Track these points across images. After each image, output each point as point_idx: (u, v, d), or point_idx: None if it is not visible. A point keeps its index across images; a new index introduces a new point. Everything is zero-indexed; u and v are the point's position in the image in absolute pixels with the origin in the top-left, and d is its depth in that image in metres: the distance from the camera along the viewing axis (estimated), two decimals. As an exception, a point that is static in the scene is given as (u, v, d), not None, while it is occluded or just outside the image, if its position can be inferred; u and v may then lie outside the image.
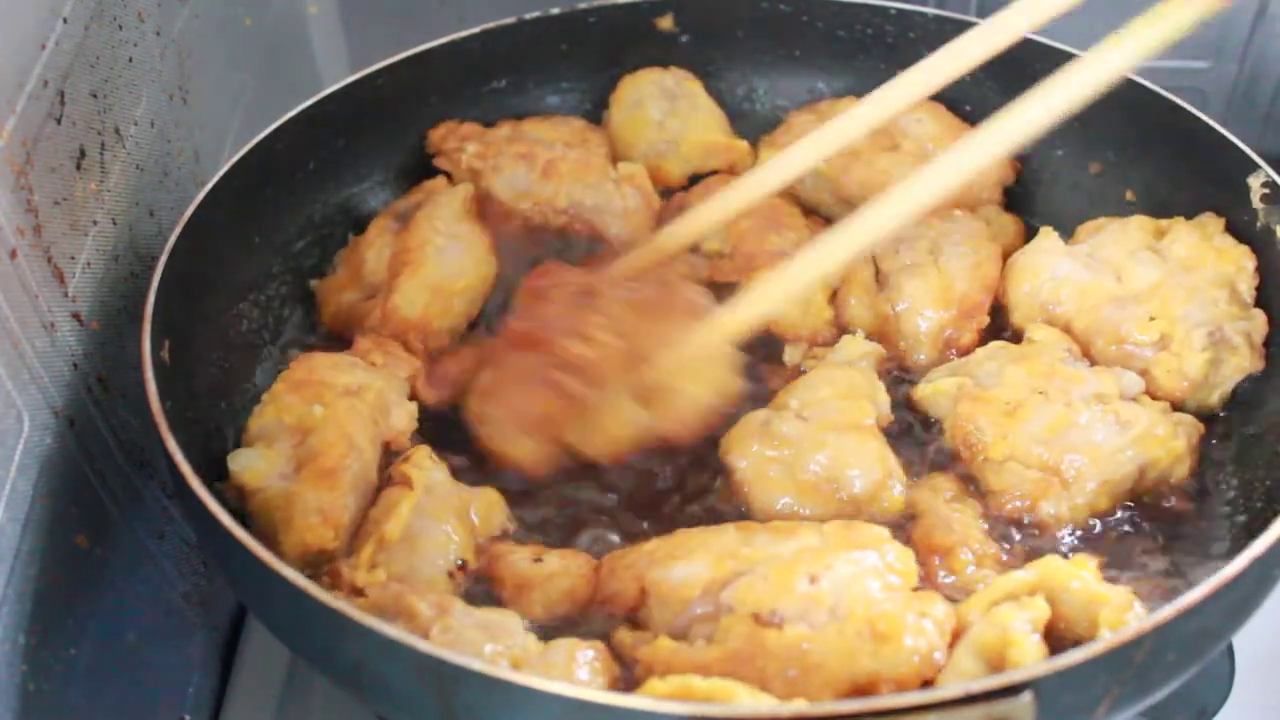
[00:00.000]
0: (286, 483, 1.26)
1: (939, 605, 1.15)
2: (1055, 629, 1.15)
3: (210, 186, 1.42)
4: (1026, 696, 0.97)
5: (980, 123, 1.65)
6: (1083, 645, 1.01)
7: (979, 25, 1.43)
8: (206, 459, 1.28)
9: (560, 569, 1.25)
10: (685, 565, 1.19)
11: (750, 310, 1.35)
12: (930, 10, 1.70)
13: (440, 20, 2.07)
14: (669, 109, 1.71)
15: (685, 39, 1.76)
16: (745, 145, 1.71)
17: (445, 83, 1.69)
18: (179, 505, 1.43)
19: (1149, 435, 1.32)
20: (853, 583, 1.14)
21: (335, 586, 1.18)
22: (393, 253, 1.52)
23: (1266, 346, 1.40)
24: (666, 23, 1.75)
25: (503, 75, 1.73)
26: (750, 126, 1.75)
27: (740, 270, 1.54)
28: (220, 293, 1.46)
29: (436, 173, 1.65)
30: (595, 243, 1.62)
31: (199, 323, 1.39)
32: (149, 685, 1.41)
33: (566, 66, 1.76)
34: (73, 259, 1.31)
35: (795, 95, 1.78)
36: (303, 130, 1.55)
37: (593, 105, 1.77)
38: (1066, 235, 1.55)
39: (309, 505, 1.23)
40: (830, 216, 1.67)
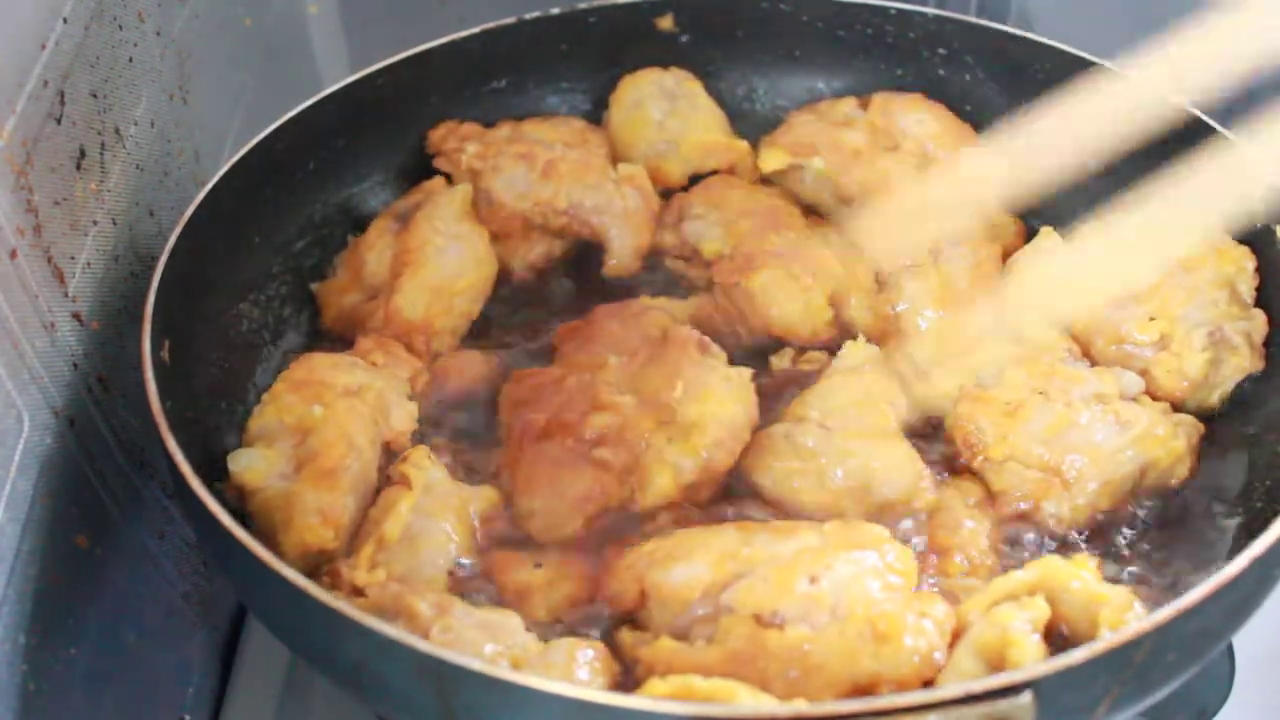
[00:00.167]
0: (286, 483, 1.25)
1: (939, 605, 1.15)
2: (1055, 629, 1.15)
3: (210, 186, 1.42)
4: (1026, 696, 0.97)
5: (979, 124, 1.69)
6: (1083, 645, 1.01)
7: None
8: (206, 459, 1.27)
9: (560, 574, 1.25)
10: (685, 567, 1.19)
11: None
12: (930, 10, 1.69)
13: (440, 20, 2.07)
14: (669, 109, 1.70)
15: (685, 39, 1.76)
16: (745, 145, 1.71)
17: (445, 83, 1.69)
18: (179, 505, 1.43)
19: (1149, 435, 1.32)
20: (853, 583, 1.14)
21: (335, 586, 1.18)
22: (393, 254, 1.52)
23: (1266, 346, 1.40)
24: (666, 23, 1.75)
25: (503, 75, 1.72)
26: (750, 126, 1.74)
27: (740, 270, 1.54)
28: (220, 293, 1.46)
29: (436, 173, 1.65)
30: (595, 243, 1.63)
31: (199, 323, 1.39)
32: (149, 685, 1.41)
33: (566, 66, 1.75)
34: (73, 259, 1.31)
35: (795, 95, 1.78)
36: (303, 130, 1.55)
37: (593, 105, 1.77)
38: (1066, 235, 1.55)
39: (309, 506, 1.23)
40: (830, 216, 1.67)
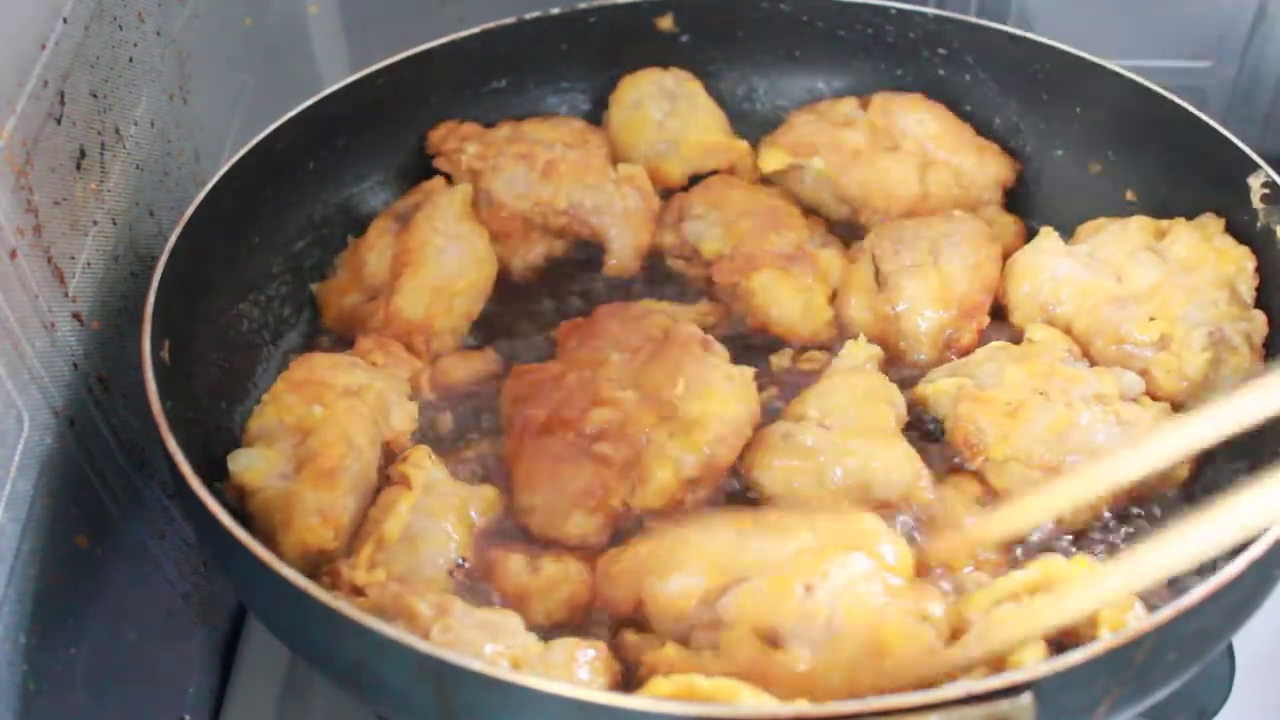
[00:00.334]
0: (286, 483, 1.25)
1: (936, 605, 1.15)
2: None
3: (210, 186, 1.42)
4: (1027, 697, 0.97)
5: (979, 124, 1.69)
6: (1083, 645, 1.01)
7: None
8: (206, 459, 1.27)
9: (559, 576, 1.25)
10: (680, 576, 1.18)
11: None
12: (930, 10, 1.69)
13: (440, 20, 2.07)
14: (669, 109, 1.70)
15: (685, 39, 1.76)
16: (745, 145, 1.71)
17: (445, 83, 1.69)
18: (179, 505, 1.43)
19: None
20: (848, 590, 1.13)
21: (335, 586, 1.18)
22: (393, 254, 1.52)
23: (1266, 347, 1.40)
24: (666, 23, 1.75)
25: (503, 75, 1.72)
26: (750, 126, 1.75)
27: (740, 270, 1.54)
28: (220, 293, 1.46)
29: (436, 173, 1.65)
30: (595, 243, 1.63)
31: (199, 323, 1.39)
32: (149, 685, 1.41)
33: (566, 66, 1.75)
34: (73, 259, 1.30)
35: (795, 95, 1.78)
36: (303, 130, 1.55)
37: (593, 105, 1.77)
38: (1066, 235, 1.55)
39: (309, 506, 1.23)
40: (830, 216, 1.67)
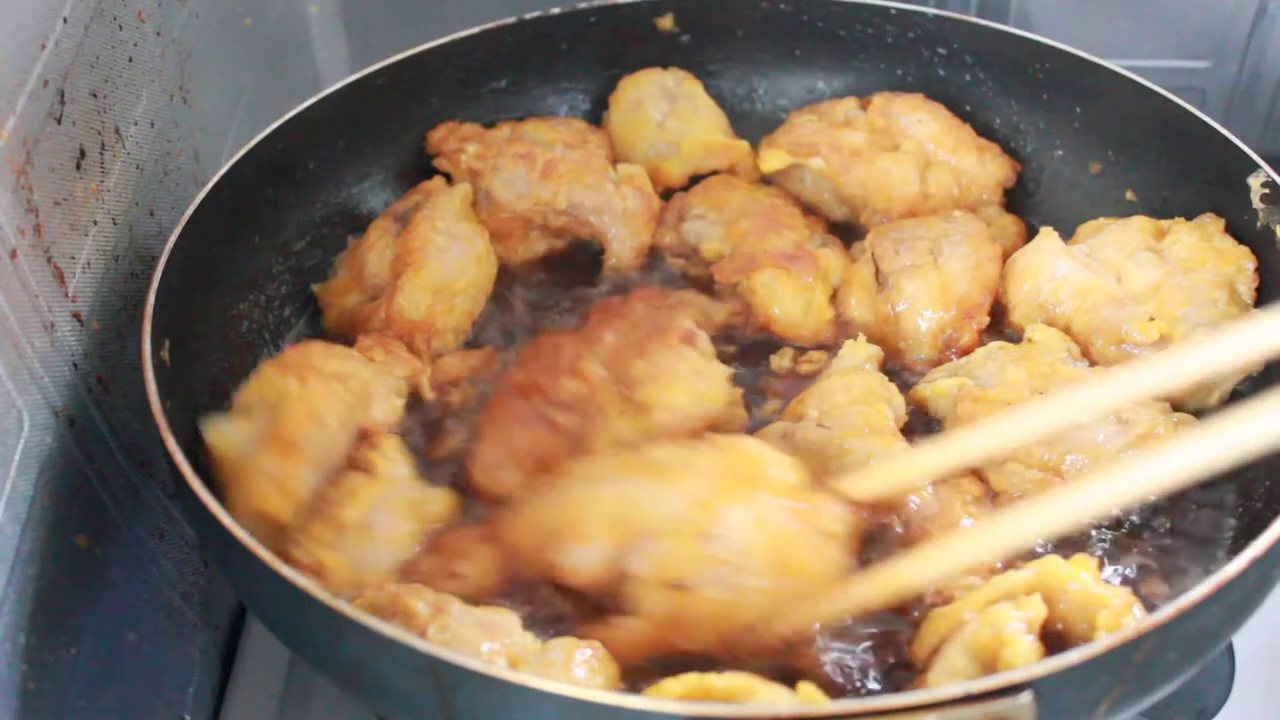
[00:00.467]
0: (252, 450, 1.27)
1: (836, 520, 1.19)
2: (1054, 629, 1.15)
3: (210, 186, 1.42)
4: (1026, 696, 0.97)
5: (979, 124, 1.69)
6: (1083, 645, 1.01)
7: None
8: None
9: (482, 574, 1.25)
10: (580, 548, 1.20)
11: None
12: (930, 10, 1.69)
13: (440, 20, 2.07)
14: (669, 110, 1.70)
15: (685, 39, 1.76)
16: (745, 145, 1.71)
17: (445, 83, 1.69)
18: (179, 505, 1.43)
19: (1149, 435, 1.32)
20: (748, 528, 1.16)
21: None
22: (394, 254, 1.52)
23: (1266, 346, 1.40)
24: (666, 23, 1.75)
25: (503, 75, 1.73)
26: (750, 126, 1.75)
27: (741, 270, 1.54)
28: (220, 293, 1.46)
29: (436, 173, 1.65)
30: (595, 243, 1.63)
31: (199, 323, 1.39)
32: (149, 685, 1.41)
33: (566, 66, 1.75)
34: (73, 259, 1.31)
35: (795, 95, 1.78)
36: (303, 130, 1.55)
37: (593, 105, 1.77)
38: (1066, 235, 1.55)
39: (266, 472, 1.24)
40: (830, 216, 1.67)
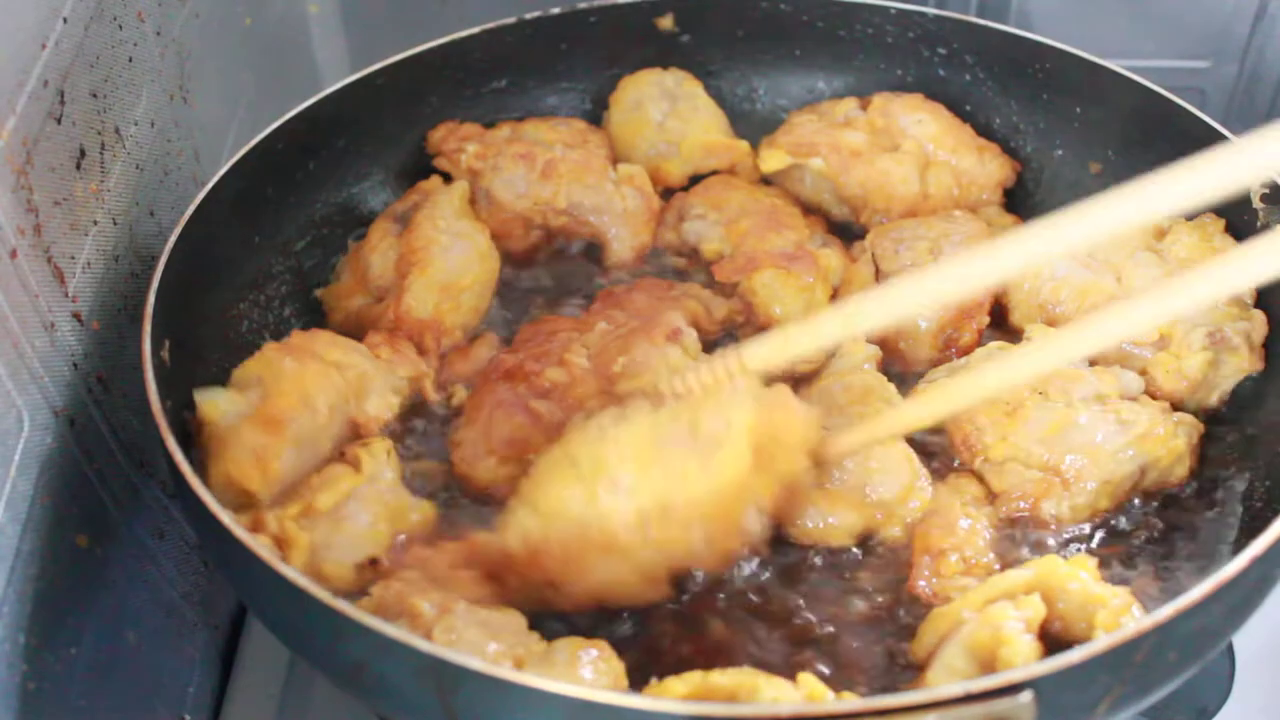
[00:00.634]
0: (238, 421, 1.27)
1: (714, 421, 1.18)
2: (1053, 629, 1.15)
3: (210, 186, 1.42)
4: (1027, 696, 0.97)
5: (979, 124, 1.69)
6: (1082, 645, 1.01)
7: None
8: (207, 459, 1.28)
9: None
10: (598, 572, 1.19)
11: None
12: (930, 10, 1.70)
13: (440, 20, 2.07)
14: (669, 110, 1.70)
15: (685, 39, 1.76)
16: (745, 145, 1.71)
17: (445, 83, 1.69)
18: (179, 505, 1.43)
19: (1149, 435, 1.32)
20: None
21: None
22: (398, 255, 1.52)
23: (1266, 347, 1.40)
24: (666, 23, 1.75)
25: (503, 75, 1.73)
26: (750, 126, 1.75)
27: (741, 270, 1.54)
28: (220, 293, 1.46)
29: (436, 173, 1.65)
30: (595, 243, 1.63)
31: (199, 323, 1.39)
32: (149, 685, 1.41)
33: (566, 66, 1.75)
34: (73, 259, 1.31)
35: (795, 95, 1.78)
36: (303, 130, 1.55)
37: (593, 105, 1.77)
38: (1066, 235, 1.55)
39: (246, 443, 1.25)
40: (830, 216, 1.67)
